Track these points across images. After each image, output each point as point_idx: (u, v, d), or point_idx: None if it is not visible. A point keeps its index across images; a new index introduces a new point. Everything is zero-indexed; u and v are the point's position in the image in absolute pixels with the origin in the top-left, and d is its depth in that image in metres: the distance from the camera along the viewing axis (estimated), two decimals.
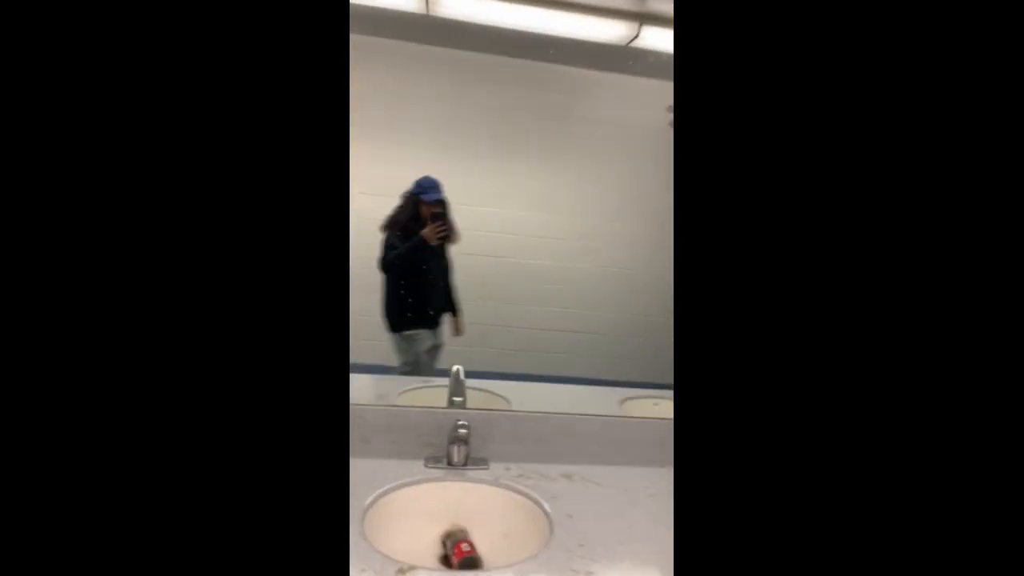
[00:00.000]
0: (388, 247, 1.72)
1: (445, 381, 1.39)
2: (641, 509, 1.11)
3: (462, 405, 1.31)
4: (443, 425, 1.25)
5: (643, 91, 2.03)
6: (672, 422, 1.04)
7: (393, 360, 1.68)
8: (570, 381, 1.64)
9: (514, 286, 1.79)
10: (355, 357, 2.08)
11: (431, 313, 1.73)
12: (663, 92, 2.00)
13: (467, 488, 1.16)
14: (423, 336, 1.70)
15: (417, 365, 1.66)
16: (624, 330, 1.81)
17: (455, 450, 1.19)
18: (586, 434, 1.33)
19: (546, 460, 1.28)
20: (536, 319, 1.78)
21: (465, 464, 1.20)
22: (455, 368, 1.35)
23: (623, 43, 1.86)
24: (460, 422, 1.19)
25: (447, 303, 1.77)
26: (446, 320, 1.75)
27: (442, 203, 1.70)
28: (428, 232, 1.64)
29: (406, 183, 1.75)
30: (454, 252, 1.69)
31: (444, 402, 1.32)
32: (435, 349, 1.72)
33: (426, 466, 1.20)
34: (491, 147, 1.94)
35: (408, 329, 1.74)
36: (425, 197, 1.69)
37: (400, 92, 1.81)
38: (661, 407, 1.48)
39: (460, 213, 1.87)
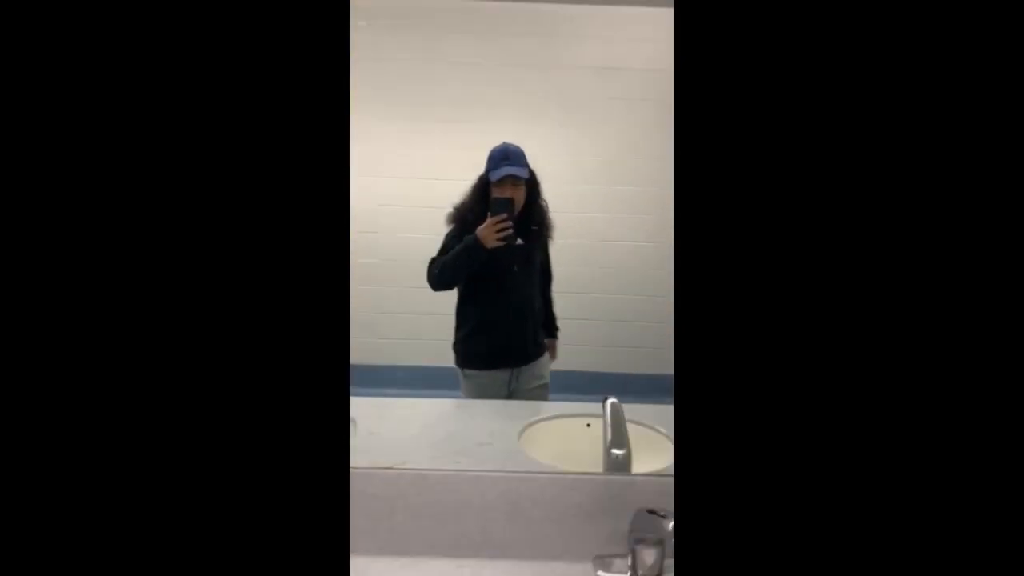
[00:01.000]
0: (441, 250, 1.22)
1: (580, 407, 0.96)
2: None
3: (624, 462, 0.87)
4: (609, 500, 0.82)
5: (636, 21, 1.67)
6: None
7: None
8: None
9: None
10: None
11: (505, 346, 1.23)
12: (661, 22, 1.73)
13: None
14: (496, 380, 1.22)
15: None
16: (614, 315, 1.45)
17: (645, 554, 0.75)
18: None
19: None
20: None
21: (662, 575, 0.77)
22: (609, 403, 0.91)
23: None
24: (648, 510, 0.75)
25: (534, 327, 1.27)
26: (538, 350, 1.27)
27: (515, 181, 1.19)
28: (485, 230, 1.14)
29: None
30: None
31: (590, 453, 0.89)
32: (525, 392, 1.24)
33: (599, 574, 0.77)
34: (458, 108, 1.62)
35: (472, 368, 1.26)
36: (493, 175, 1.18)
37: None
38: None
39: (421, 187, 1.49)
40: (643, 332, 1.78)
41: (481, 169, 1.24)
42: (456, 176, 1.37)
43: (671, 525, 0.71)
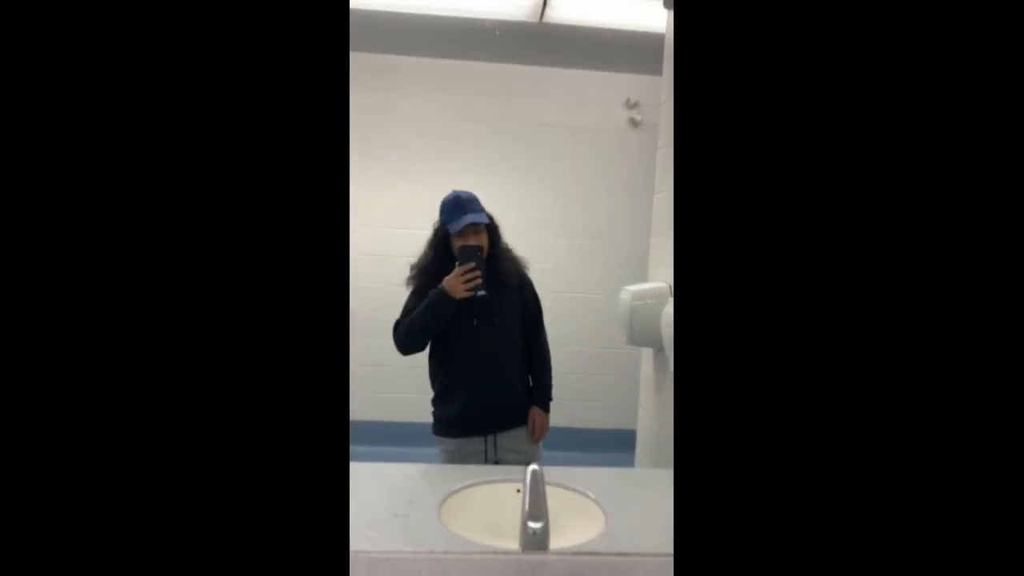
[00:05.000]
0: (404, 312, 1.14)
1: (511, 472, 0.91)
2: None
3: (544, 538, 0.81)
4: None
5: (593, 85, 1.74)
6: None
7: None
8: None
9: None
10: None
11: (472, 410, 1.12)
12: (616, 85, 1.75)
13: None
14: (469, 449, 1.13)
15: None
16: (565, 368, 1.40)
17: None
18: None
19: None
20: None
21: None
22: (531, 469, 0.85)
23: (532, 19, 1.46)
24: None
25: (507, 388, 1.16)
26: (517, 416, 1.18)
27: (476, 229, 1.13)
28: (452, 280, 1.07)
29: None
30: None
31: (514, 521, 0.83)
32: (501, 459, 1.16)
33: None
34: (425, 162, 1.69)
35: (442, 435, 1.17)
36: (451, 227, 1.12)
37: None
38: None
39: (377, 236, 1.57)
40: (593, 384, 1.73)
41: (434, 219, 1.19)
42: (413, 226, 1.34)
43: None
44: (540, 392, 1.18)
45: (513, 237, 1.26)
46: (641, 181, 1.52)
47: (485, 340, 1.13)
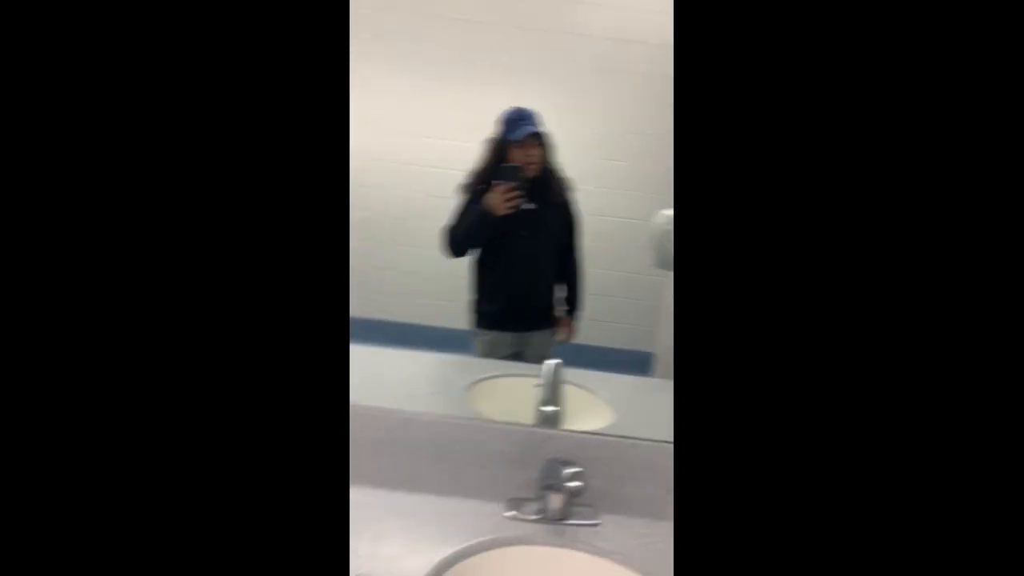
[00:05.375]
0: (458, 214, 1.25)
1: (532, 368, 1.00)
2: None
3: (557, 420, 0.92)
4: (530, 449, 0.87)
5: None
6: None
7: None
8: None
9: None
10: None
11: (508, 310, 1.26)
12: None
13: (573, 560, 0.79)
14: (501, 343, 1.24)
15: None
16: (599, 290, 1.43)
17: (553, 499, 0.80)
18: None
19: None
20: None
21: (566, 519, 0.81)
22: (549, 364, 0.95)
23: None
24: (562, 461, 0.80)
25: (541, 293, 1.30)
26: (548, 319, 1.27)
27: (536, 141, 1.21)
28: (494, 198, 1.19)
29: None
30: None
31: (531, 409, 0.93)
32: (528, 355, 1.25)
33: (508, 514, 0.82)
34: (455, 69, 1.57)
35: (484, 328, 1.28)
36: (516, 134, 1.22)
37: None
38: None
39: (417, 148, 1.47)
40: (625, 307, 1.77)
41: (479, 129, 1.26)
42: (457, 137, 1.40)
43: (576, 472, 0.76)
44: (571, 301, 1.28)
45: (559, 157, 1.32)
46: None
47: (529, 249, 1.27)
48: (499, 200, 1.18)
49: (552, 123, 1.78)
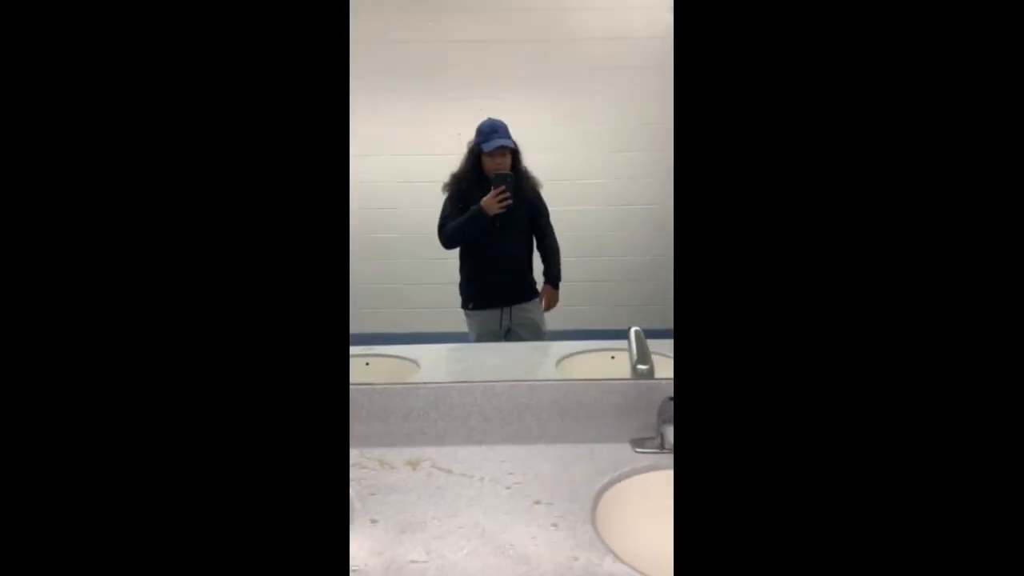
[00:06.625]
0: (444, 216, 1.48)
1: (605, 343, 1.17)
2: None
3: (649, 374, 1.09)
4: (639, 398, 1.04)
5: None
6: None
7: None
8: (562, 336, 1.50)
9: None
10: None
11: (493, 289, 1.48)
12: None
13: None
14: (490, 318, 1.48)
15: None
16: (621, 276, 1.64)
17: (671, 432, 0.98)
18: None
19: None
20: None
21: None
22: (633, 330, 1.13)
23: None
24: (671, 398, 0.97)
25: (519, 273, 1.52)
26: (527, 292, 1.51)
27: (506, 152, 1.45)
28: (488, 200, 1.42)
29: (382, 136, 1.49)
30: None
31: (610, 368, 1.11)
32: (517, 327, 1.49)
33: (635, 450, 0.99)
34: (464, 84, 1.70)
35: (470, 308, 1.52)
36: (485, 147, 1.45)
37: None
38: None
39: (434, 157, 1.63)
40: (647, 290, 1.90)
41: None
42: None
43: None
44: (550, 274, 1.52)
45: (573, 155, 1.52)
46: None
47: (504, 238, 1.51)
48: (493, 202, 1.42)
49: (559, 125, 1.91)
